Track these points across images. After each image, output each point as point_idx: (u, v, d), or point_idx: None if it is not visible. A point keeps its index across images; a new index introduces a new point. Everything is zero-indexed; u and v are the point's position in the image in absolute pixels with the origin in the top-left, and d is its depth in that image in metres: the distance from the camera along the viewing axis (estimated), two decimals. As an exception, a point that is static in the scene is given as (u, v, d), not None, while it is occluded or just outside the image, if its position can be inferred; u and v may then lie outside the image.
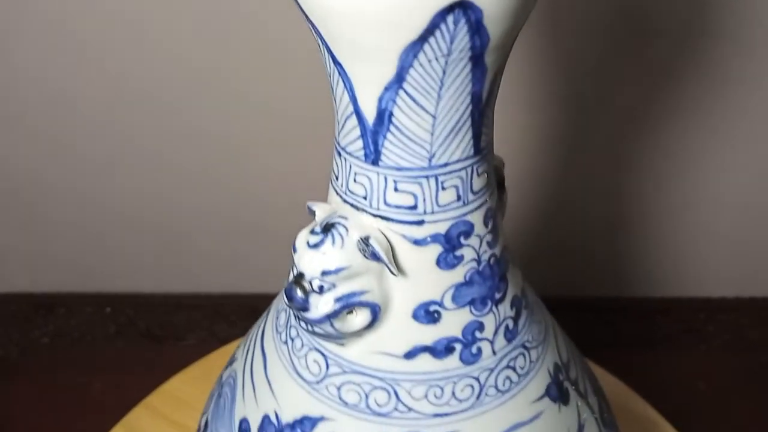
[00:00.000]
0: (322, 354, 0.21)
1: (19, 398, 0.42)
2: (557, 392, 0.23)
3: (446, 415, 0.21)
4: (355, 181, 0.19)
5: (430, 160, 0.18)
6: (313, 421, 0.21)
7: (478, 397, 0.21)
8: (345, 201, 0.20)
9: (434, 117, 0.18)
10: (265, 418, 0.23)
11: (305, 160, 0.41)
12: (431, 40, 0.16)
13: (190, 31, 0.39)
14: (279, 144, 0.43)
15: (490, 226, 0.21)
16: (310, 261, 0.19)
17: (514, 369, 0.22)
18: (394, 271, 0.19)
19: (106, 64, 0.41)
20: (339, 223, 0.19)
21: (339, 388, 0.21)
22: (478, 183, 0.20)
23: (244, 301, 0.48)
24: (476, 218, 0.20)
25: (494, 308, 0.21)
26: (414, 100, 0.17)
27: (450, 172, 0.19)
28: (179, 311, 0.48)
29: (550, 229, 0.45)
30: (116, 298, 0.50)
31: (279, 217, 0.42)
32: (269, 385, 0.23)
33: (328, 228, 0.19)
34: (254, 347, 0.25)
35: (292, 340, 0.22)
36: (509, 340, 0.22)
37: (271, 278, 0.29)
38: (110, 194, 0.46)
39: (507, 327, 0.21)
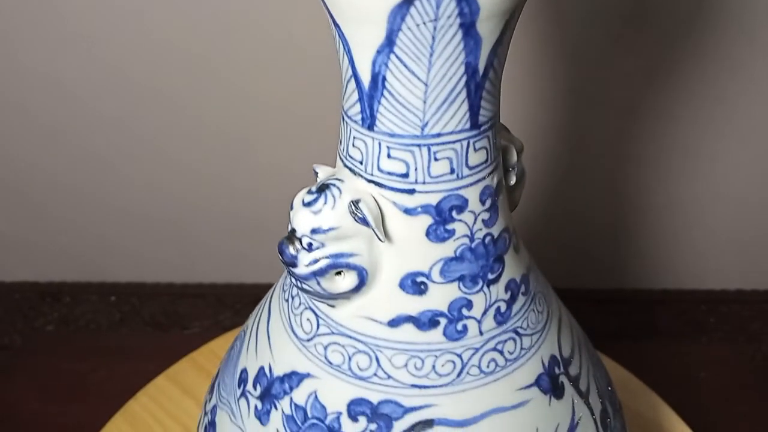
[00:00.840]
0: (315, 313, 0.22)
1: (23, 385, 0.42)
2: (550, 384, 0.22)
3: (424, 387, 0.21)
4: (353, 145, 0.20)
5: (422, 129, 0.19)
6: (300, 377, 0.22)
7: (458, 375, 0.21)
8: (345, 165, 0.20)
9: (426, 84, 0.18)
10: (261, 370, 0.24)
11: (308, 154, 0.41)
12: (417, 3, 0.16)
13: (194, 24, 0.40)
14: (282, 138, 0.44)
15: (487, 205, 0.20)
16: (302, 218, 0.20)
17: (501, 353, 0.21)
18: (381, 237, 0.20)
19: (109, 58, 0.41)
20: (334, 185, 0.20)
21: (326, 348, 0.22)
22: (474, 158, 0.20)
23: (248, 290, 0.49)
24: (471, 194, 0.20)
25: (485, 288, 0.21)
26: (405, 65, 0.17)
27: (443, 143, 0.19)
28: (183, 300, 0.48)
29: (551, 222, 0.45)
30: (121, 287, 0.50)
31: (282, 210, 0.43)
32: (268, 339, 0.24)
33: (323, 188, 0.20)
34: (264, 304, 0.26)
35: (293, 298, 0.23)
36: (499, 323, 0.21)
37: (275, 269, 0.29)
38: (116, 187, 0.47)
39: (498, 309, 0.21)
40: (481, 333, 0.21)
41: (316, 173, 0.21)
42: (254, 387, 0.24)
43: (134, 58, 0.41)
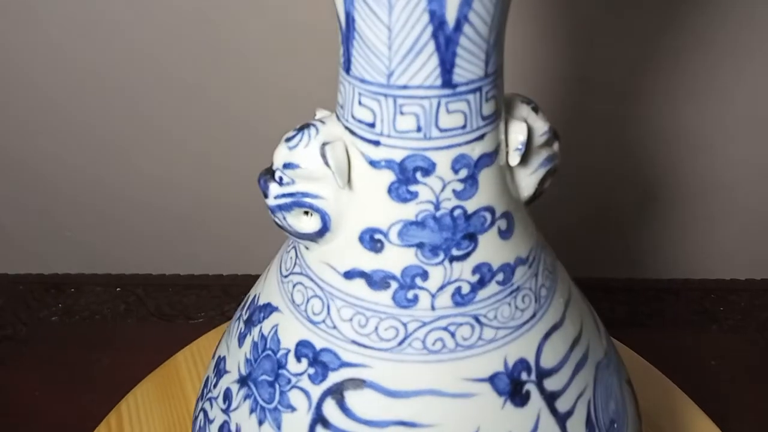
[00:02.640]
0: (296, 253, 0.22)
1: (28, 375, 0.42)
2: (509, 387, 0.20)
3: (364, 346, 0.20)
4: (339, 90, 0.20)
5: (389, 78, 0.18)
6: (271, 310, 0.23)
7: (400, 343, 0.20)
8: (335, 110, 0.20)
9: (389, 29, 0.17)
10: (253, 298, 0.25)
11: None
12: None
13: (206, 16, 0.39)
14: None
15: (461, 175, 0.19)
16: (278, 152, 0.20)
17: (452, 335, 0.20)
18: (340, 183, 0.19)
19: (115, 49, 0.41)
20: (314, 125, 0.20)
21: (294, 286, 0.22)
22: (447, 121, 0.18)
23: (253, 281, 0.48)
24: (441, 159, 0.19)
25: (447, 263, 0.20)
26: (368, 6, 0.17)
27: (409, 97, 0.18)
28: (189, 291, 0.48)
29: (562, 213, 0.44)
30: (126, 278, 0.50)
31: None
32: (267, 273, 0.25)
33: (303, 127, 0.20)
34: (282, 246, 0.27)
35: (288, 237, 0.24)
36: (458, 304, 0.20)
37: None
38: (121, 180, 0.47)
39: (459, 289, 0.20)
40: (432, 308, 0.20)
41: (314, 114, 0.22)
42: (244, 312, 0.25)
43: (142, 48, 0.41)
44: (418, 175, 0.19)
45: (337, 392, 0.20)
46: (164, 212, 0.48)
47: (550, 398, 0.21)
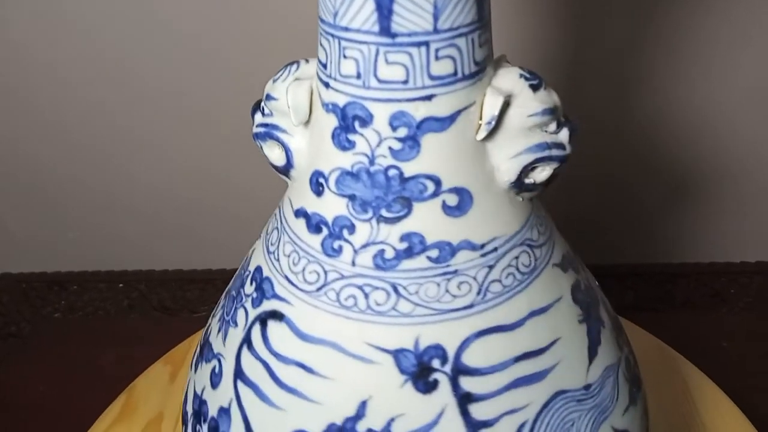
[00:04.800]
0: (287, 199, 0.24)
1: (32, 371, 0.41)
2: (413, 368, 0.19)
3: (291, 283, 0.21)
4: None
5: (335, 17, 0.18)
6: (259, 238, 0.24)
7: (318, 289, 0.20)
8: None
9: (330, -34, 0.17)
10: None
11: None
12: None
13: (200, 19, 0.38)
14: None
15: (400, 134, 0.18)
16: (267, 84, 0.21)
17: (366, 296, 0.19)
18: (294, 121, 0.20)
19: (115, 52, 0.41)
20: (297, 63, 0.21)
21: (270, 217, 0.23)
22: (385, 72, 0.18)
23: None
24: (378, 111, 0.18)
25: (374, 222, 0.19)
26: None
27: (350, 40, 0.18)
28: (192, 285, 0.47)
29: (568, 199, 0.44)
30: (129, 274, 0.49)
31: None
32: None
33: (290, 64, 0.21)
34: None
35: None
36: (377, 267, 0.19)
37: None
38: (123, 179, 0.46)
39: (381, 252, 0.19)
40: (353, 263, 0.19)
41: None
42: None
43: (141, 51, 0.41)
44: (356, 124, 0.18)
45: (263, 320, 0.21)
46: (165, 210, 0.48)
47: (463, 398, 0.19)
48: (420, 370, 0.19)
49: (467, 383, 0.19)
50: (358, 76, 0.18)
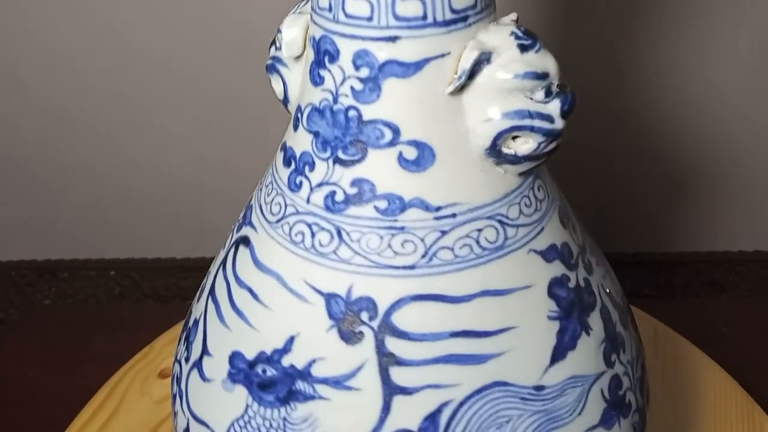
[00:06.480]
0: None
1: (21, 357, 0.41)
2: (341, 315, 0.19)
3: (261, 213, 0.21)
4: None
5: (314, -51, 0.18)
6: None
7: (277, 221, 0.20)
8: None
9: None
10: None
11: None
12: None
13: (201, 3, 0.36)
14: (286, 115, 0.36)
15: (362, 74, 0.18)
16: (282, 21, 0.22)
17: (312, 235, 0.19)
18: (285, 53, 0.20)
19: (110, 35, 0.40)
20: (306, 1, 0.21)
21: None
22: (353, 6, 0.17)
23: None
24: (345, 48, 0.18)
25: (330, 162, 0.19)
26: None
27: (322, -28, 0.17)
28: (186, 273, 0.45)
29: (566, 187, 0.39)
30: (121, 262, 0.47)
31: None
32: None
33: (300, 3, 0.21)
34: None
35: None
36: (327, 208, 0.19)
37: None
38: (115, 166, 0.44)
39: (332, 194, 0.19)
40: (308, 201, 0.19)
41: None
42: None
43: (136, 34, 0.40)
44: (326, 59, 0.18)
45: (236, 244, 0.22)
46: (159, 198, 0.47)
47: (386, 358, 0.18)
48: (346, 319, 0.19)
49: (393, 344, 0.18)
50: (330, 8, 0.18)
